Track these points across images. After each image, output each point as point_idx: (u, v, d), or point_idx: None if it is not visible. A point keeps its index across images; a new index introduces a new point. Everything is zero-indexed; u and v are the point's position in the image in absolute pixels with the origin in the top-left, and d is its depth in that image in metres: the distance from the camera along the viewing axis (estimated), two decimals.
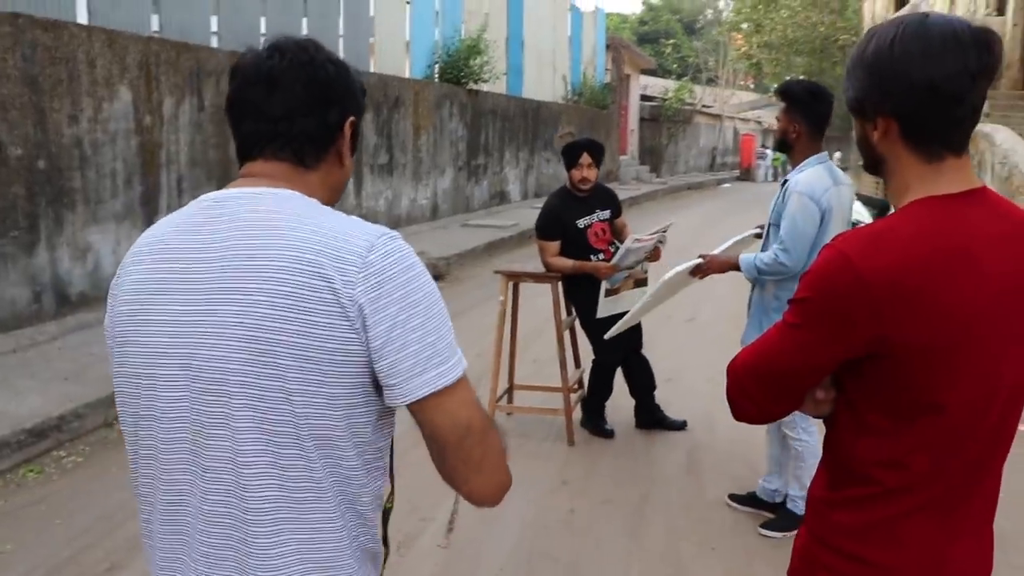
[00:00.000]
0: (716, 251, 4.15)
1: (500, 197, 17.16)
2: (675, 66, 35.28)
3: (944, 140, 1.40)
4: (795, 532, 4.00)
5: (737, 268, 3.91)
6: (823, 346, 1.39)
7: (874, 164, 1.50)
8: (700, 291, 9.66)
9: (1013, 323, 1.38)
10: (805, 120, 3.75)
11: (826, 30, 22.63)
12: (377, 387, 1.27)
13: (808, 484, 4.05)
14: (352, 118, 1.42)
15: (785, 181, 3.84)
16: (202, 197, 1.37)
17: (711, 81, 43.93)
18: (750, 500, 4.30)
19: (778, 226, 3.78)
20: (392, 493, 1.49)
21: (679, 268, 4.00)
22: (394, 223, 12.78)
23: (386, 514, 1.50)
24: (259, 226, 1.27)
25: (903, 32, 1.37)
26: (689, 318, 8.53)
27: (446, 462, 1.31)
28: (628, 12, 59.26)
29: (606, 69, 25.46)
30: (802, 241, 3.64)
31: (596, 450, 4.95)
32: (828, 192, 3.67)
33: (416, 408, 1.27)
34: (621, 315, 4.66)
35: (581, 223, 4.96)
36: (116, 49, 7.31)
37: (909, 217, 1.39)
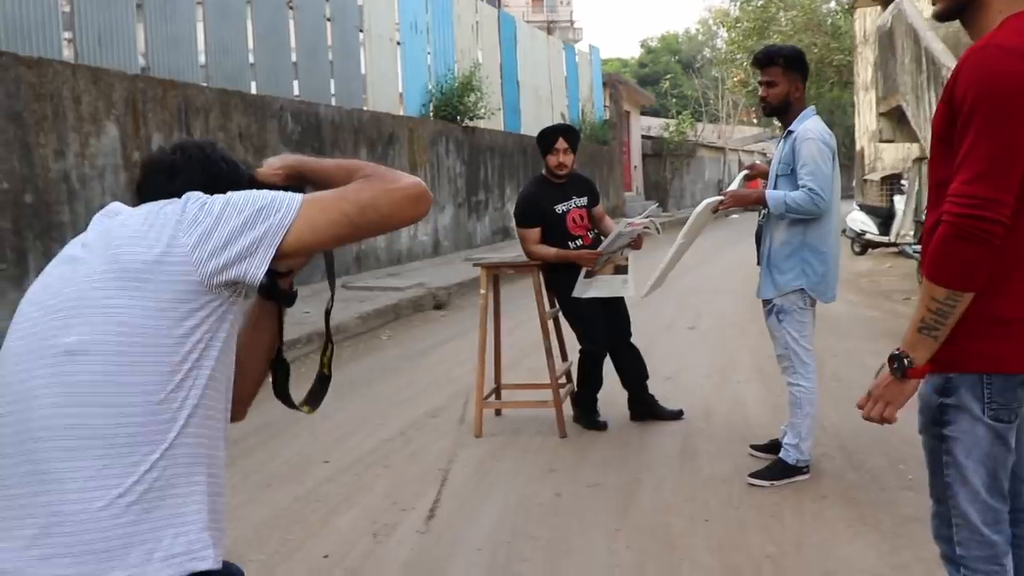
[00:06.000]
0: (731, 187, 4.37)
1: (503, 233, 17.12)
2: (674, 102, 35.42)
3: None
4: (785, 481, 3.91)
5: (759, 202, 4.02)
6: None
7: (964, 5, 1.97)
8: (702, 302, 9.58)
9: None
10: (802, 79, 4.03)
11: (820, 52, 22.72)
12: None
13: (803, 433, 3.94)
14: None
15: (790, 132, 3.98)
16: None
17: (713, 118, 44.12)
18: (773, 447, 4.25)
19: (787, 176, 3.94)
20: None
21: (703, 204, 4.18)
22: (395, 259, 12.76)
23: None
24: None
25: None
26: (690, 326, 8.39)
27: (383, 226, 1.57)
28: (627, 56, 59.94)
29: (604, 106, 25.59)
30: (827, 181, 3.82)
31: (587, 441, 4.80)
32: (831, 135, 3.95)
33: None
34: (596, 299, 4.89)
35: (559, 208, 4.89)
36: (101, 86, 7.38)
37: (1020, 20, 1.92)
